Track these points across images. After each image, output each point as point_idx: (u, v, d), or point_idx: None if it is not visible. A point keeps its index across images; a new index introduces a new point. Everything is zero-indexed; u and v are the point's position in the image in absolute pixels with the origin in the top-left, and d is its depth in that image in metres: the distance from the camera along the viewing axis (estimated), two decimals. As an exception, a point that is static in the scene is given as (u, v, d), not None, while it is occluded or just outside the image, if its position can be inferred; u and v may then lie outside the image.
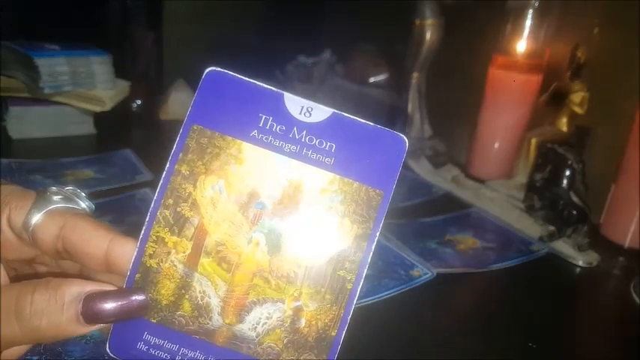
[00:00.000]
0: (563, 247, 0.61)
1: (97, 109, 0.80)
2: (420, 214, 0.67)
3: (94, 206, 0.24)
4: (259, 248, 0.23)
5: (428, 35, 0.87)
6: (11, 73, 0.79)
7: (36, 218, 0.22)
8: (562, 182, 0.62)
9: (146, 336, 0.22)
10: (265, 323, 0.22)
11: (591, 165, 0.63)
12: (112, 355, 0.22)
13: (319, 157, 0.23)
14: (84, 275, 0.25)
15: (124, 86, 0.87)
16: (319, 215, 0.23)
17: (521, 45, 0.73)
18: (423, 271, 0.52)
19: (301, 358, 0.22)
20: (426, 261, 0.54)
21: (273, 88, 0.23)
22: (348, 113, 0.24)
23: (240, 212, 0.23)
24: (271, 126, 0.23)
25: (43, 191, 0.23)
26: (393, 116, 0.95)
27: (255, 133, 0.23)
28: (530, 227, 0.65)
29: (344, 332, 0.22)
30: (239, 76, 0.23)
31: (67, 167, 0.68)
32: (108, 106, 0.81)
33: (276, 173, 0.23)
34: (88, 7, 0.97)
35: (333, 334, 0.22)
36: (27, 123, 0.77)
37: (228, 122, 0.23)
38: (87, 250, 0.22)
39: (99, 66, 0.82)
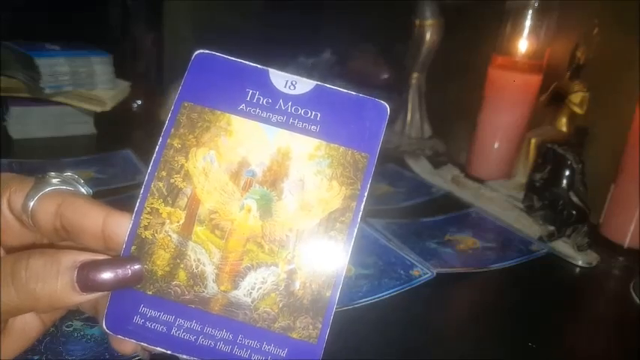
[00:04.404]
0: (563, 247, 0.61)
1: (98, 109, 0.80)
2: (420, 214, 0.67)
3: (92, 191, 0.25)
4: (251, 214, 0.23)
5: (428, 35, 0.87)
6: (11, 73, 0.79)
7: (35, 199, 0.22)
8: (562, 182, 0.62)
9: (142, 309, 0.22)
10: (260, 288, 0.23)
11: (591, 165, 0.63)
12: (108, 332, 0.22)
13: (305, 125, 0.24)
14: None
15: (124, 86, 0.87)
16: (308, 179, 0.23)
17: (521, 45, 0.73)
18: (423, 271, 0.52)
19: (297, 321, 0.22)
20: (425, 261, 0.54)
21: (258, 66, 0.24)
22: None
23: (231, 181, 0.23)
24: (258, 99, 0.24)
25: (42, 176, 0.23)
26: (393, 116, 0.95)
27: (242, 106, 0.24)
28: (530, 227, 0.65)
29: (338, 292, 0.23)
30: (226, 56, 0.24)
31: (67, 167, 0.68)
32: (108, 106, 0.81)
33: (264, 142, 0.24)
34: (88, 7, 0.97)
35: (327, 294, 0.22)
36: (27, 123, 0.77)
37: (216, 98, 0.24)
38: (84, 226, 0.22)
39: (99, 66, 0.82)
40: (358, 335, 0.43)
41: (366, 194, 0.23)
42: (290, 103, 0.24)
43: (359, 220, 0.23)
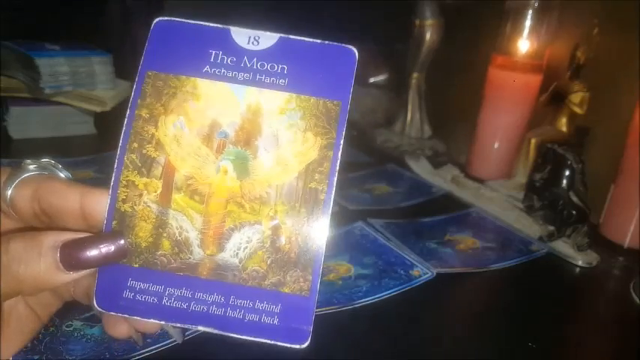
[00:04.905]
0: (563, 247, 0.61)
1: (98, 109, 0.80)
2: (420, 214, 0.67)
3: (71, 176, 0.25)
4: (228, 175, 0.23)
5: (428, 35, 0.87)
6: (11, 73, 0.79)
7: (12, 186, 0.22)
8: (562, 182, 0.62)
9: (130, 282, 0.22)
10: (246, 247, 0.22)
11: (591, 165, 0.63)
12: (101, 310, 0.22)
13: (273, 80, 0.23)
14: None
15: (124, 86, 0.87)
16: (282, 134, 0.23)
17: (521, 45, 0.73)
18: (423, 271, 0.52)
19: (287, 275, 0.22)
20: (425, 261, 0.54)
21: (219, 25, 0.24)
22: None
23: (204, 144, 0.23)
24: (222, 59, 0.24)
25: (19, 164, 0.23)
26: (393, 116, 0.95)
27: (207, 68, 0.24)
28: (530, 227, 0.65)
29: (325, 243, 0.22)
30: (186, 20, 0.24)
31: (67, 167, 0.68)
32: (108, 106, 0.81)
33: (233, 102, 0.23)
34: (88, 7, 0.97)
35: (314, 246, 0.22)
36: (27, 123, 0.77)
37: (180, 63, 0.24)
38: (62, 207, 0.22)
39: (99, 66, 0.82)
40: (358, 335, 0.43)
41: (341, 142, 0.23)
42: (255, 59, 0.24)
43: (337, 168, 0.23)
